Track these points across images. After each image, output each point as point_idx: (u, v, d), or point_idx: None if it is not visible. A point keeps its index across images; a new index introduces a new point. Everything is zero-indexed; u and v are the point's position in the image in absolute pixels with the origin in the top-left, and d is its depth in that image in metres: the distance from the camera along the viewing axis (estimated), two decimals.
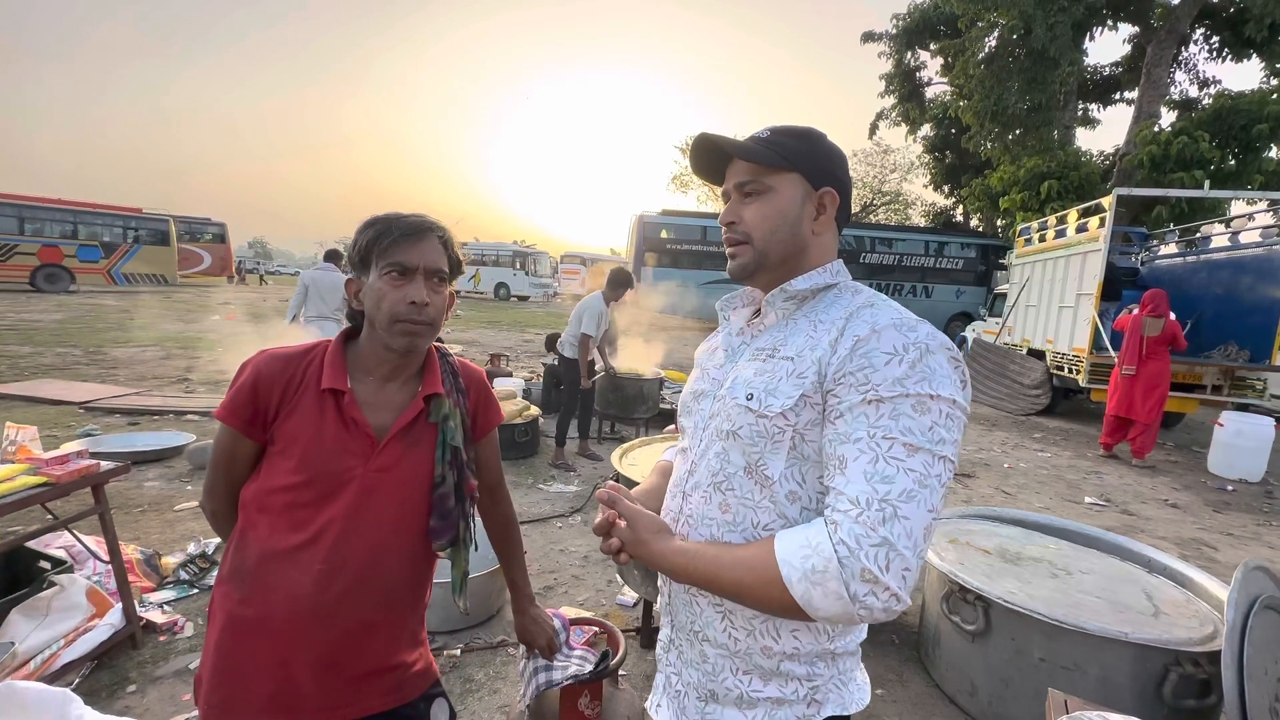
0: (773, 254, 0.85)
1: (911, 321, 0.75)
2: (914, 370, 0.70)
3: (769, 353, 0.83)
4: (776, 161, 0.83)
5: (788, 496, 0.78)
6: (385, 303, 0.98)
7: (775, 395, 0.77)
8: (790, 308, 0.86)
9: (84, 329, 10.20)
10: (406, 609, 1.06)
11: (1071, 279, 7.71)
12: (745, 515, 0.80)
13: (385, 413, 1.03)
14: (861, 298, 0.83)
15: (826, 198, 0.84)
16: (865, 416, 0.70)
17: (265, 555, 0.95)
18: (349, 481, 0.97)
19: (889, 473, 0.67)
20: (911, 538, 0.65)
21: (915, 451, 0.67)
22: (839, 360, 0.74)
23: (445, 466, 1.06)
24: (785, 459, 0.77)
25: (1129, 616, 2.02)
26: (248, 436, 0.98)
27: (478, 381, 1.19)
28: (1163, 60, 13.20)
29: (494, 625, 2.59)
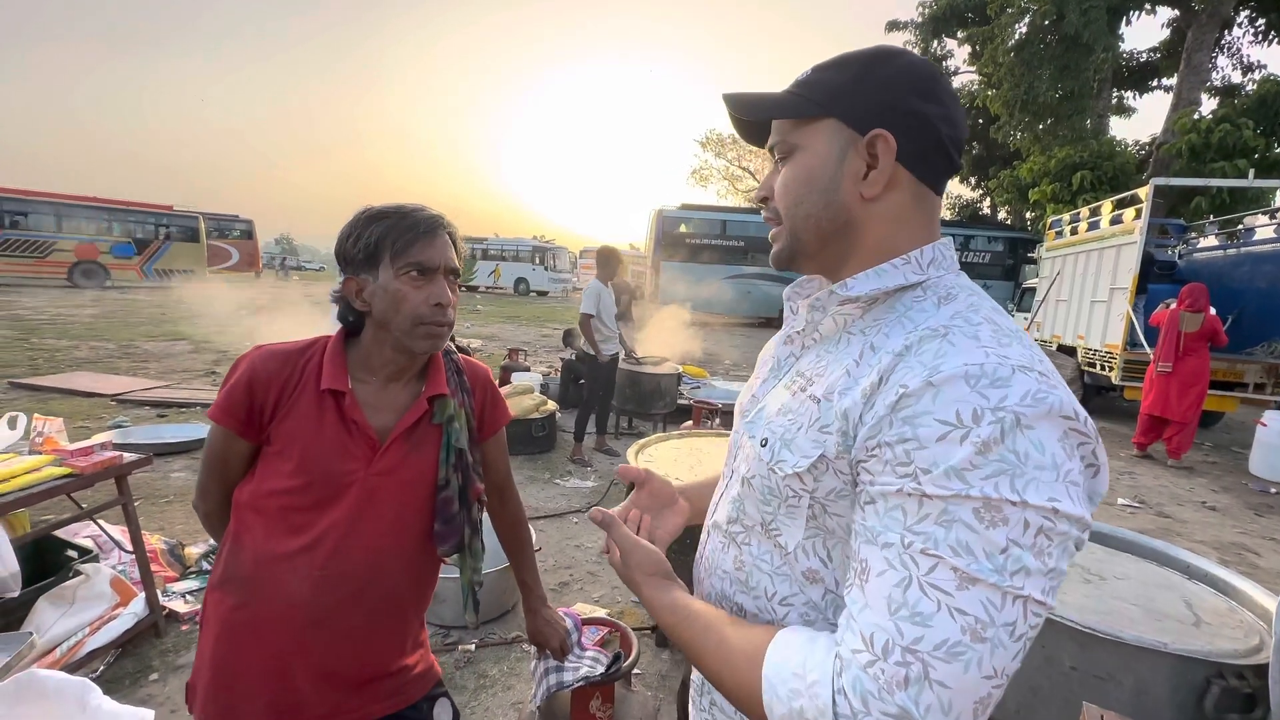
0: (803, 234, 0.62)
1: (1003, 369, 0.48)
2: (985, 457, 0.45)
3: (802, 383, 0.61)
4: (804, 109, 0.60)
5: (806, 575, 0.59)
6: (406, 305, 0.94)
7: (790, 449, 0.58)
8: (852, 314, 0.61)
9: (117, 324, 10.49)
10: (409, 614, 1.04)
11: (1105, 273, 7.45)
12: (759, 581, 0.62)
13: (387, 414, 0.99)
14: (944, 314, 0.55)
15: (877, 143, 0.57)
16: (902, 513, 0.48)
17: (262, 559, 0.92)
18: (350, 485, 0.94)
19: (925, 608, 0.45)
20: (949, 714, 0.44)
21: (971, 583, 0.45)
22: (874, 420, 0.51)
23: (449, 469, 1.02)
24: (804, 529, 0.59)
25: (1168, 625, 1.93)
26: (242, 437, 0.95)
27: (483, 380, 1.15)
28: (1204, 44, 12.69)
29: (508, 621, 2.58)
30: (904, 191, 0.59)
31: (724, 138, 30.89)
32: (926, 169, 0.59)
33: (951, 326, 0.53)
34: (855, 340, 0.59)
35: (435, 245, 0.96)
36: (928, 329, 0.54)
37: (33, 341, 8.17)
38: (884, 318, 0.59)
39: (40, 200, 16.43)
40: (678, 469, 2.38)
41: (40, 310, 11.38)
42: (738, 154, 31.10)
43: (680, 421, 5.61)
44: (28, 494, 1.85)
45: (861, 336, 0.59)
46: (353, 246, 0.96)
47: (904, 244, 0.60)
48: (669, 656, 2.38)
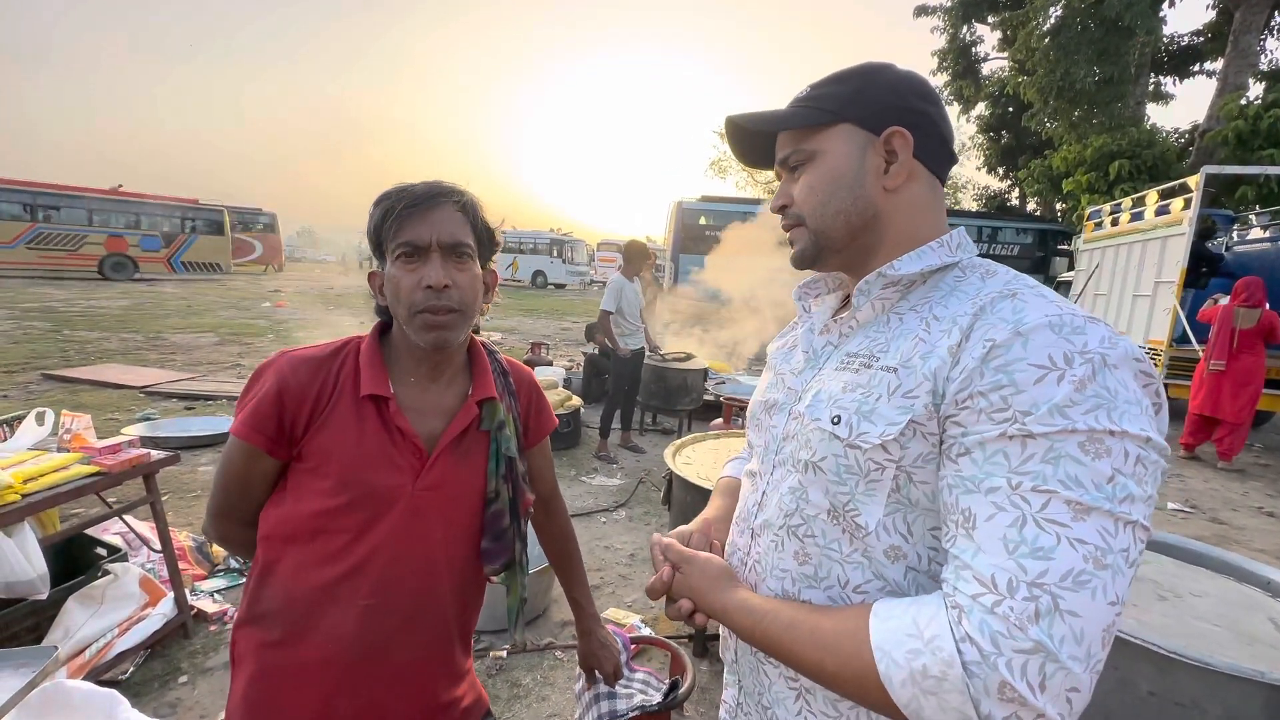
0: (833, 231, 0.66)
1: (1077, 319, 0.52)
2: (1083, 393, 0.48)
3: (864, 360, 0.63)
4: (817, 118, 0.66)
5: (888, 553, 0.58)
6: (401, 291, 0.83)
7: (872, 420, 0.58)
8: (892, 297, 0.65)
9: (146, 315, 10.64)
10: (458, 642, 0.95)
11: (1149, 266, 7.14)
12: (830, 570, 0.61)
13: (433, 419, 0.89)
14: (997, 282, 0.60)
15: (895, 139, 0.63)
16: (1005, 457, 0.49)
17: (297, 591, 0.83)
18: (395, 501, 0.84)
19: (1044, 543, 0.46)
20: (1083, 643, 0.44)
21: (1086, 513, 0.46)
22: (963, 374, 0.53)
23: (499, 480, 0.93)
24: (885, 504, 0.58)
25: (1259, 650, 1.78)
26: (271, 454, 0.84)
27: (528, 382, 1.06)
28: (1253, 26, 12.11)
29: (541, 626, 2.50)
30: (920, 183, 0.66)
31: None
32: (934, 161, 0.66)
33: (1017, 289, 0.57)
34: (910, 317, 0.62)
35: (429, 219, 0.83)
36: (995, 292, 0.58)
37: (64, 333, 8.30)
38: (930, 295, 0.63)
39: (72, 195, 16.75)
40: (718, 471, 2.26)
41: (71, 302, 11.60)
42: None
43: (707, 417, 5.49)
44: (56, 493, 1.81)
45: (914, 314, 0.62)
46: (369, 236, 0.87)
47: (925, 231, 0.66)
48: (708, 668, 2.28)
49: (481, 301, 0.90)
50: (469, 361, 0.97)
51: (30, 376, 5.91)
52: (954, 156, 0.68)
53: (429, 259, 0.83)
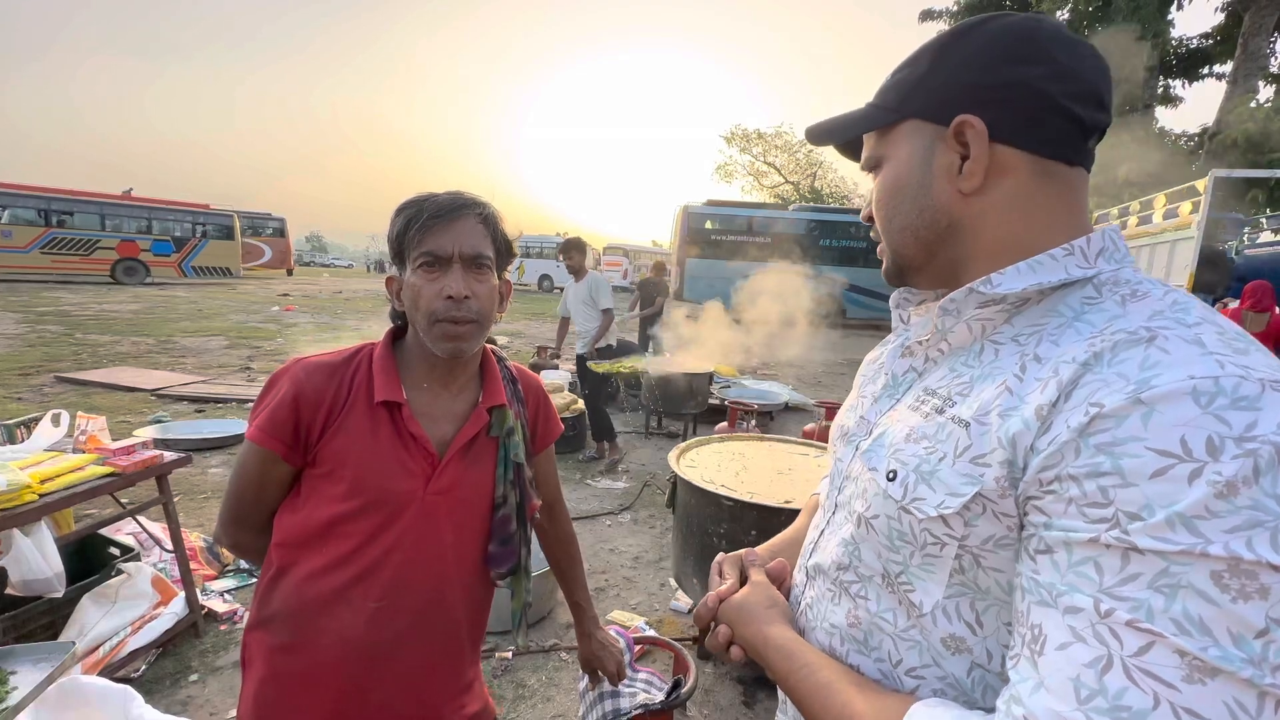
0: (904, 249, 0.56)
1: (1246, 388, 0.36)
2: (1230, 502, 0.34)
3: (938, 403, 0.51)
4: (880, 119, 0.55)
5: (947, 643, 0.48)
6: (421, 300, 0.85)
7: (931, 485, 0.47)
8: (995, 319, 0.51)
9: (157, 319, 10.77)
10: (466, 646, 0.97)
11: (1158, 269, 7.13)
12: (882, 644, 0.52)
13: (445, 425, 0.91)
14: (1139, 314, 0.43)
15: (963, 131, 0.50)
16: (1096, 571, 0.37)
17: (308, 594, 0.84)
18: (407, 505, 0.86)
19: (1132, 702, 0.34)
20: None
21: (1210, 675, 0.33)
22: (1052, 448, 0.40)
23: (507, 486, 0.95)
24: (946, 585, 0.47)
25: None
26: (287, 460, 0.86)
27: (536, 389, 1.08)
28: (1262, 28, 12.06)
29: (546, 627, 2.52)
30: (1020, 174, 0.50)
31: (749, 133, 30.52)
32: (1044, 141, 0.49)
33: (1159, 329, 0.41)
34: (1007, 350, 0.49)
35: (451, 230, 0.84)
36: (1123, 332, 0.42)
37: (78, 337, 8.41)
38: (1043, 323, 0.48)
39: (85, 200, 16.98)
40: (722, 475, 2.28)
41: (84, 306, 11.75)
42: (763, 149, 30.70)
43: (712, 421, 5.50)
44: (72, 493, 1.84)
45: (1014, 345, 0.48)
46: (389, 242, 0.89)
47: (1042, 233, 0.50)
48: (712, 670, 2.29)
49: (496, 311, 0.92)
50: (480, 369, 0.99)
51: (44, 379, 5.99)
52: (1092, 122, 0.50)
53: (450, 269, 0.84)
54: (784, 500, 2.05)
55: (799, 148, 30.05)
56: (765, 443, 2.75)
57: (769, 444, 2.73)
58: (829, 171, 30.27)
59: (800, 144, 29.99)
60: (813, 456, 2.58)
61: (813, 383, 8.47)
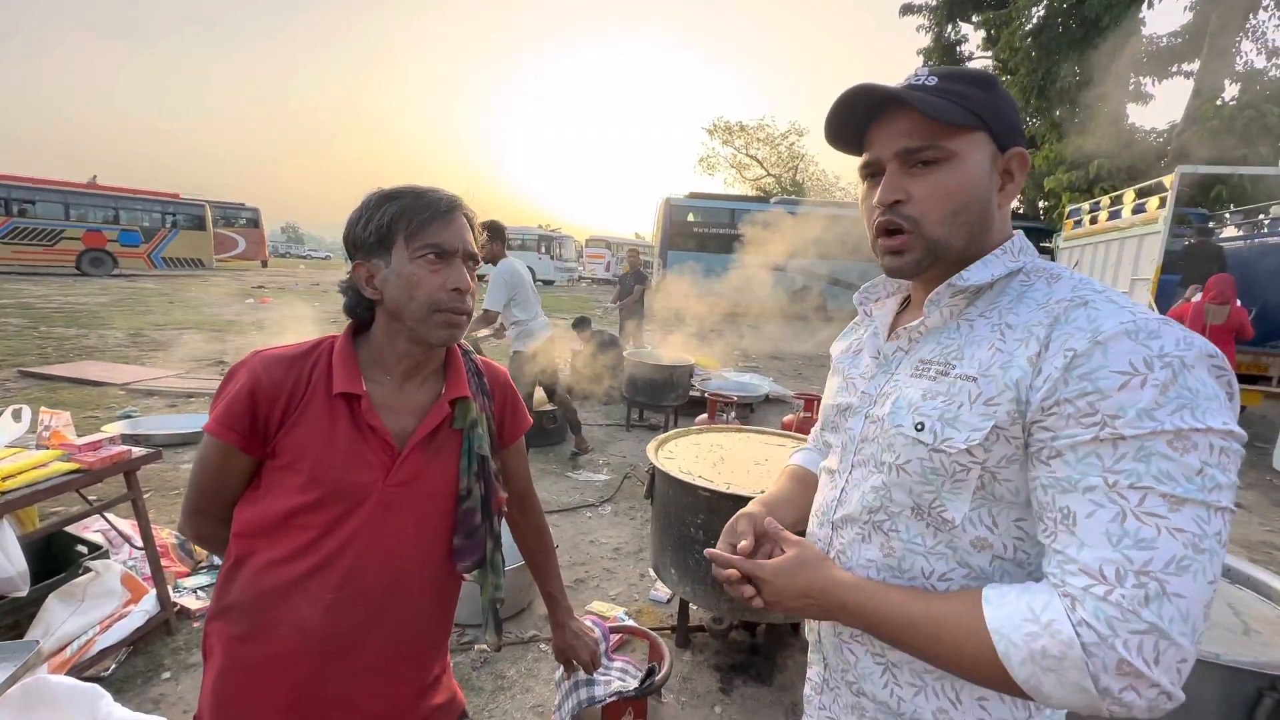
0: (955, 243, 0.66)
1: (1150, 324, 0.55)
2: (1167, 395, 0.52)
3: (940, 368, 0.66)
4: (963, 118, 0.63)
5: (974, 544, 0.63)
6: (421, 290, 0.86)
7: (956, 427, 0.62)
8: (959, 304, 0.68)
9: (126, 312, 10.48)
10: (430, 638, 0.97)
11: (1126, 263, 7.30)
12: (914, 563, 0.66)
13: (405, 417, 0.92)
14: (1064, 288, 0.62)
15: (1015, 161, 0.66)
16: (1098, 459, 0.53)
17: (267, 586, 0.85)
18: (366, 497, 0.86)
19: (1146, 535, 0.50)
20: (1189, 621, 0.49)
21: (1180, 505, 0.50)
22: (1048, 383, 0.56)
23: (471, 478, 0.95)
24: (970, 500, 0.62)
25: (1216, 634, 1.85)
26: (245, 452, 0.86)
27: (503, 383, 1.08)
28: (1228, 28, 12.36)
29: (525, 620, 2.53)
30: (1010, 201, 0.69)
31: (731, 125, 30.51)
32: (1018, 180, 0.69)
33: (1085, 296, 0.60)
34: (981, 324, 0.66)
35: (453, 227, 0.89)
36: (1064, 300, 0.61)
37: (42, 330, 8.16)
38: (998, 301, 0.66)
39: (48, 188, 16.41)
40: (700, 466, 2.31)
41: (49, 298, 11.39)
42: (745, 142, 30.72)
43: (692, 413, 5.54)
44: (34, 490, 1.80)
45: (985, 320, 0.66)
46: (364, 228, 0.88)
47: (996, 240, 0.69)
48: (691, 658, 2.32)
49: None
50: (444, 362, 1.00)
51: (7, 374, 5.81)
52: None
53: (453, 263, 0.89)
54: (760, 490, 2.07)
55: (781, 140, 30.15)
56: (743, 434, 2.78)
57: (747, 435, 2.76)
58: (811, 164, 30.44)
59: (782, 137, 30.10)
60: (789, 447, 2.61)
61: (793, 375, 8.56)
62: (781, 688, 2.20)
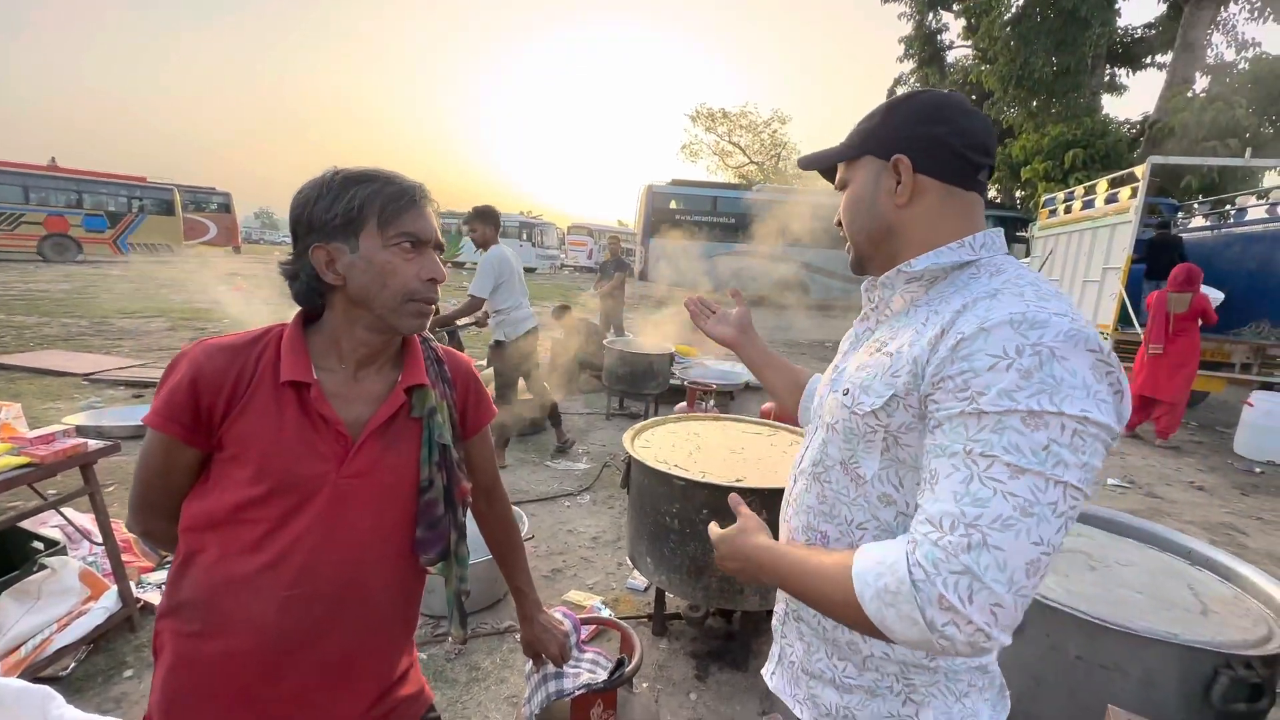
0: (861, 244, 0.82)
1: (1039, 317, 0.61)
2: (1028, 380, 0.58)
3: (879, 345, 0.77)
4: (846, 153, 0.82)
5: (880, 499, 0.74)
6: (397, 279, 0.86)
7: (868, 393, 0.73)
8: (915, 291, 0.77)
9: (90, 299, 10.15)
10: (393, 633, 0.94)
11: (1099, 252, 7.42)
12: (840, 510, 0.78)
13: (360, 406, 0.89)
14: (992, 282, 0.69)
15: (898, 165, 0.75)
16: (964, 428, 0.61)
17: (219, 582, 0.81)
18: (318, 489, 0.84)
19: (982, 494, 0.58)
20: (1005, 570, 0.56)
21: (1020, 474, 0.57)
22: (937, 361, 0.65)
23: (432, 468, 0.93)
24: (879, 460, 0.73)
25: (1176, 615, 1.90)
26: (189, 444, 0.83)
27: (465, 372, 1.06)
28: (1200, 21, 12.57)
29: (500, 610, 2.51)
30: (932, 195, 0.75)
31: (714, 112, 30.35)
32: (948, 173, 0.75)
33: (1001, 289, 0.67)
34: (921, 310, 0.74)
35: (426, 215, 0.90)
36: (982, 292, 0.68)
37: (1, 318, 7.86)
38: (945, 292, 0.73)
39: (5, 170, 15.76)
40: (676, 455, 2.30)
41: (9, 285, 10.97)
42: (728, 129, 30.62)
43: (673, 402, 5.53)
44: None
45: (926, 308, 0.73)
46: (326, 210, 0.84)
47: (947, 234, 0.75)
48: (667, 646, 2.33)
49: None
50: (401, 350, 0.97)
51: None
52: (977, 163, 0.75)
53: (426, 253, 0.89)
54: (735, 479, 2.07)
55: (763, 128, 30.13)
56: (721, 423, 2.78)
57: (724, 424, 2.76)
58: (793, 153, 30.44)
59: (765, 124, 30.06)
60: (765, 436, 2.61)
61: None
62: (757, 673, 2.22)
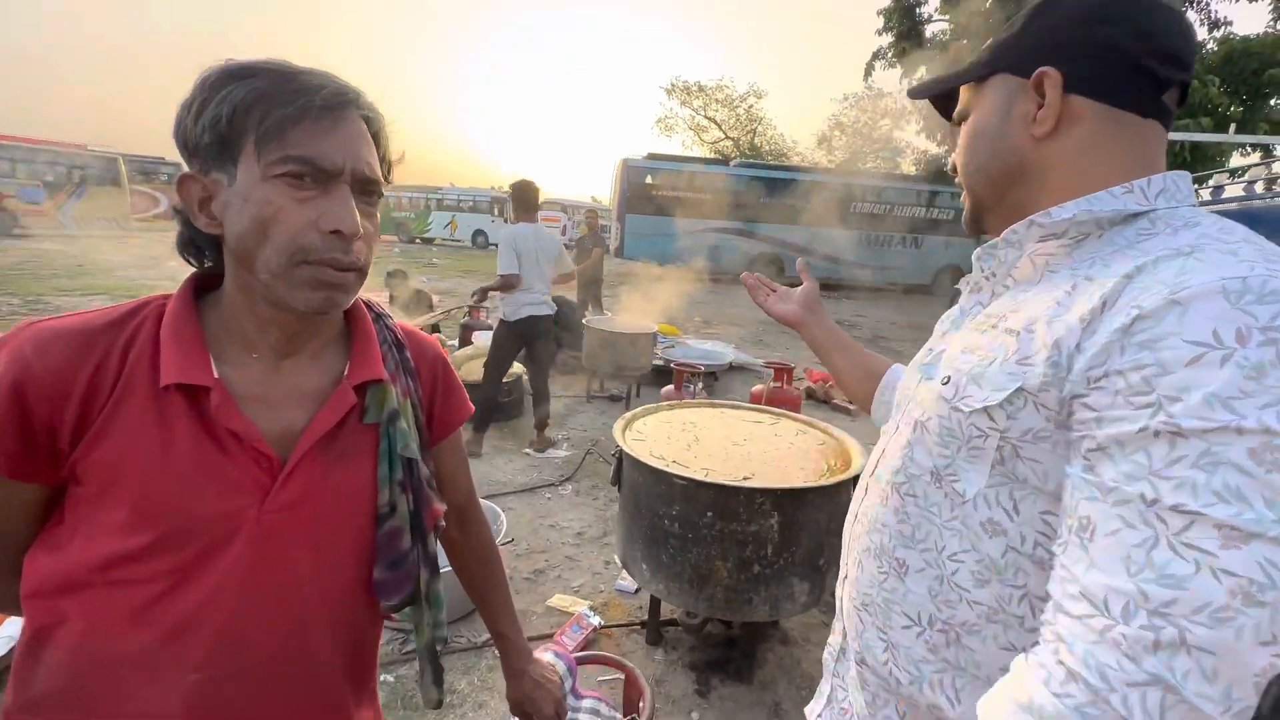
0: (978, 189, 0.65)
1: (1273, 284, 0.40)
2: (1257, 383, 0.38)
3: (995, 320, 0.57)
4: (974, 72, 0.63)
5: (985, 526, 0.54)
6: (279, 228, 0.56)
7: (979, 384, 0.54)
8: (1054, 252, 0.56)
9: (27, 276, 9.42)
10: (349, 696, 0.71)
11: None
12: (928, 533, 0.59)
13: (289, 411, 0.63)
14: (1182, 239, 0.48)
15: (1042, 81, 0.56)
16: (1144, 457, 0.40)
17: (92, 666, 0.57)
18: (232, 534, 0.59)
19: (1178, 570, 0.37)
20: (1217, 683, 0.36)
21: (1244, 540, 0.36)
22: (1097, 347, 0.44)
23: (394, 489, 0.68)
24: (988, 474, 0.53)
25: None
26: (18, 478, 0.57)
27: (433, 358, 0.80)
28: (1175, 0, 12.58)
29: (477, 620, 2.27)
30: (1089, 123, 0.56)
31: (689, 86, 29.68)
32: (1116, 92, 0.55)
33: (1199, 245, 0.46)
34: (1062, 275, 0.54)
35: (339, 132, 0.58)
36: (1166, 249, 0.47)
37: None
38: (1100, 253, 0.53)
39: None
40: (673, 449, 2.07)
41: None
42: (703, 103, 30.01)
43: (656, 383, 5.32)
44: None
45: (1070, 272, 0.54)
46: (194, 122, 0.57)
47: (1106, 177, 0.55)
48: (663, 657, 2.13)
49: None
50: (346, 330, 0.71)
51: None
52: (1167, 78, 0.54)
53: (334, 191, 0.58)
54: (742, 477, 1.86)
55: (740, 103, 29.61)
56: (717, 410, 2.56)
57: (721, 411, 2.54)
58: (769, 128, 30.10)
59: (741, 99, 29.53)
60: (768, 424, 2.40)
61: (754, 341, 8.43)
62: (762, 685, 2.04)
